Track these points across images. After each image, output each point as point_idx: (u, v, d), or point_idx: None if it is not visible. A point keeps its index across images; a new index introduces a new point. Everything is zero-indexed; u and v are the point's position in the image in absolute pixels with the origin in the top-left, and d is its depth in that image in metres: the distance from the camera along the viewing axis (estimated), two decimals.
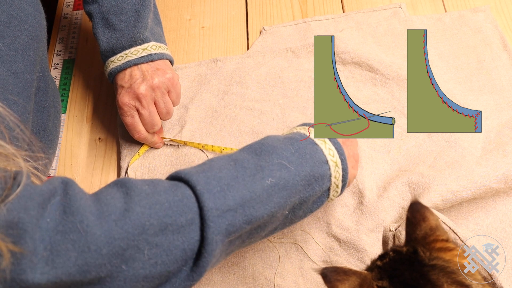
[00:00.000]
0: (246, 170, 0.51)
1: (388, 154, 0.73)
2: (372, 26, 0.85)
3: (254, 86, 0.82)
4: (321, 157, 0.55)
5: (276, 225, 0.54)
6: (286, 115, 0.78)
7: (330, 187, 0.56)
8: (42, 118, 0.67)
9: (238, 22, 0.91)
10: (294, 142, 0.55)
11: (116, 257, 0.43)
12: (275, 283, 0.65)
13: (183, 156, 0.77)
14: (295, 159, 0.53)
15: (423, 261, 0.44)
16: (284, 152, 0.53)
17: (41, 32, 0.65)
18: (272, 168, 0.51)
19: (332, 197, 0.58)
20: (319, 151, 0.55)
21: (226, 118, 0.79)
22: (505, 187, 0.65)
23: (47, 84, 0.70)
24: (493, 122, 0.74)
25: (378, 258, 0.48)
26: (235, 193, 0.48)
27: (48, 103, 0.69)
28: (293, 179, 0.52)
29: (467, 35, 0.82)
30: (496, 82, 0.77)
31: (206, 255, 0.47)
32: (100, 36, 0.73)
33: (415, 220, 0.47)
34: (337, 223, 0.68)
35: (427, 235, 0.46)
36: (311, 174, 0.53)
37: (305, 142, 0.55)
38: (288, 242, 0.68)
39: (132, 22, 0.72)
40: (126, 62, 0.71)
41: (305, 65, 0.83)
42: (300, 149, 0.54)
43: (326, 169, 0.55)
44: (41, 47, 0.66)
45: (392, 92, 0.78)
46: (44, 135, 0.68)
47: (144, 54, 0.72)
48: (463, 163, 0.68)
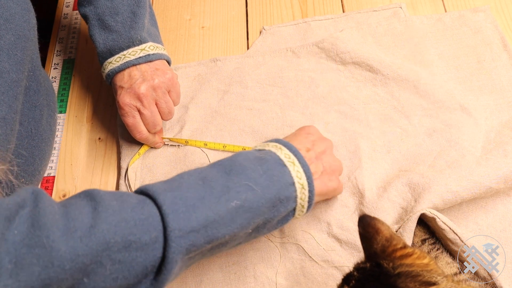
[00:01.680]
0: (213, 190, 0.51)
1: (388, 154, 0.73)
2: (372, 26, 0.85)
3: (254, 85, 0.82)
4: (288, 179, 0.55)
5: (239, 241, 0.55)
6: (286, 114, 0.78)
7: (296, 208, 0.57)
8: (34, 117, 0.67)
9: (238, 22, 0.91)
10: (264, 163, 0.55)
11: (79, 272, 0.44)
12: (276, 282, 0.65)
13: (183, 156, 0.77)
14: (262, 181, 0.54)
15: (388, 273, 0.43)
16: (252, 173, 0.54)
17: (30, 31, 0.65)
18: (238, 190, 0.52)
19: (298, 216, 0.59)
20: (287, 173, 0.56)
21: (226, 118, 0.79)
22: (505, 187, 0.65)
23: (38, 83, 0.70)
24: (493, 122, 0.74)
25: (344, 282, 0.47)
26: (199, 214, 0.49)
27: (40, 101, 0.69)
28: (258, 202, 0.53)
29: (467, 35, 0.82)
30: (496, 82, 0.77)
31: (165, 272, 0.48)
32: (97, 38, 0.73)
33: (368, 234, 0.47)
34: (337, 224, 0.68)
35: (384, 247, 0.46)
36: (277, 196, 0.54)
37: (274, 163, 0.56)
38: (289, 242, 0.68)
39: (129, 23, 0.72)
40: (125, 62, 0.71)
41: (305, 65, 0.83)
42: (269, 171, 0.55)
43: (292, 191, 0.55)
44: (29, 46, 0.65)
45: (392, 92, 0.78)
46: (37, 134, 0.68)
47: (143, 55, 0.72)
48: (463, 162, 0.68)
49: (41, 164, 0.70)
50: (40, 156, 0.69)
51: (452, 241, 0.61)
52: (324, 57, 0.83)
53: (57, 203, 0.47)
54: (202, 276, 0.67)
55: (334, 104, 0.78)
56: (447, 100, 0.76)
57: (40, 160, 0.70)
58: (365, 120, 0.76)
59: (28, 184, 0.68)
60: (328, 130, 0.76)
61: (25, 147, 0.65)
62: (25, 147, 0.65)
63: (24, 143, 0.65)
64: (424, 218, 0.65)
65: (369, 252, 0.47)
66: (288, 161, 0.56)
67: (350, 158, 0.73)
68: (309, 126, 0.66)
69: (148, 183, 0.73)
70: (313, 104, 0.79)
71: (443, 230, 0.62)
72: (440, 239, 0.64)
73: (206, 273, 0.67)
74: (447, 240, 0.62)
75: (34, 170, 0.68)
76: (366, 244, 0.47)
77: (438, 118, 0.75)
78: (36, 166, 0.68)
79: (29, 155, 0.66)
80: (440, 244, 0.64)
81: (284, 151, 0.58)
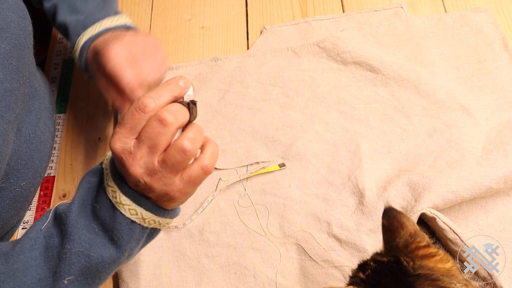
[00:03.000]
0: (51, 264, 0.49)
1: (388, 154, 0.73)
2: (373, 26, 0.85)
3: (254, 85, 0.82)
4: (127, 222, 0.50)
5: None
6: (286, 114, 0.78)
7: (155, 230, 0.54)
8: (30, 122, 0.67)
9: (238, 22, 0.91)
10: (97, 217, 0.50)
11: None
12: (276, 282, 0.65)
13: None
14: (99, 239, 0.49)
15: (407, 271, 0.42)
16: (86, 232, 0.50)
17: (26, 39, 0.63)
18: (71, 262, 0.49)
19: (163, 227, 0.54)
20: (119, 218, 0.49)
21: (227, 117, 0.79)
22: (505, 187, 0.65)
23: (33, 88, 0.68)
24: (494, 122, 0.74)
25: (359, 269, 0.46)
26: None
27: (36, 106, 0.68)
28: (97, 265, 0.50)
29: (468, 35, 0.82)
30: (497, 82, 0.77)
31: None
32: (68, 19, 0.68)
33: (392, 227, 0.45)
34: (337, 223, 0.68)
35: (407, 243, 0.44)
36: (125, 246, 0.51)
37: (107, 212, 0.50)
38: (289, 241, 0.68)
39: (101, 5, 0.69)
40: (103, 29, 0.65)
41: (305, 64, 0.83)
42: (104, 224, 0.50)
43: (128, 224, 0.50)
44: (25, 54, 0.63)
45: (393, 92, 0.78)
46: (35, 137, 0.67)
47: (121, 23, 0.67)
48: (463, 163, 0.68)
49: (41, 166, 0.70)
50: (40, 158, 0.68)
51: (452, 241, 0.61)
52: (325, 57, 0.83)
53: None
54: (202, 276, 0.67)
55: (334, 104, 0.78)
56: (448, 100, 0.76)
57: (40, 162, 0.70)
58: (365, 120, 0.76)
59: (30, 187, 0.68)
60: (328, 130, 0.76)
61: (24, 151, 0.65)
62: (24, 151, 0.65)
63: (23, 148, 0.65)
64: (424, 218, 0.65)
65: (391, 245, 0.45)
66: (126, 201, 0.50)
67: (351, 158, 0.73)
68: None
69: None
70: (314, 103, 0.79)
71: (443, 230, 0.62)
72: (440, 239, 0.64)
73: (206, 272, 0.67)
74: (447, 240, 0.62)
75: (35, 172, 0.68)
76: (388, 236, 0.46)
77: (439, 118, 0.75)
78: (36, 168, 0.68)
79: (28, 159, 0.66)
80: (440, 244, 0.64)
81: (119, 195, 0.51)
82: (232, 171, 0.75)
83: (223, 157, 0.76)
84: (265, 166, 0.74)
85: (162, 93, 0.46)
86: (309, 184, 0.72)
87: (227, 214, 0.71)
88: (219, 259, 0.68)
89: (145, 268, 0.68)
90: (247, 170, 0.74)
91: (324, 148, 0.74)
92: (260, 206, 0.71)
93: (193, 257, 0.69)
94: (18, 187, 0.64)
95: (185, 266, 0.68)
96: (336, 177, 0.72)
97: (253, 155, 0.75)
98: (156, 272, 0.68)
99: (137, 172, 0.46)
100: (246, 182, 0.74)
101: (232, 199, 0.72)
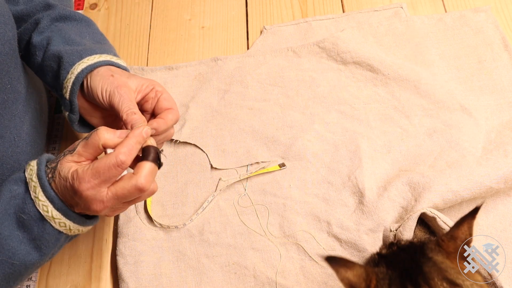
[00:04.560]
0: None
1: (389, 154, 0.73)
2: (373, 26, 0.85)
3: (254, 85, 0.82)
4: (55, 232, 0.55)
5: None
6: (286, 114, 0.78)
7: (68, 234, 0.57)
8: (15, 126, 0.65)
9: (238, 22, 0.91)
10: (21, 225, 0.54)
11: None
12: (276, 282, 0.65)
13: (183, 156, 0.77)
14: (24, 247, 0.53)
15: (423, 254, 0.45)
16: (10, 241, 0.53)
17: (4, 45, 0.61)
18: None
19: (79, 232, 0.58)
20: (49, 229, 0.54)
21: (227, 117, 0.79)
22: (505, 187, 0.65)
23: (16, 93, 0.66)
24: (494, 122, 0.74)
25: (384, 246, 0.50)
26: None
27: (19, 109, 0.66)
28: (20, 271, 0.54)
29: (468, 35, 0.82)
30: (497, 82, 0.78)
31: None
32: (62, 49, 0.66)
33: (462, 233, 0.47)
34: (337, 223, 0.68)
35: (453, 238, 0.46)
36: (47, 252, 0.55)
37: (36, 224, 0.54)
38: (289, 241, 0.68)
39: (99, 43, 0.69)
40: (103, 60, 0.64)
41: (305, 64, 0.83)
42: (28, 233, 0.54)
43: (62, 237, 0.56)
44: (3, 60, 0.61)
45: (393, 92, 0.78)
46: (20, 140, 0.66)
47: (121, 63, 0.66)
48: (463, 163, 0.68)
49: None
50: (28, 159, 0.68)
51: None
52: (325, 57, 0.83)
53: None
54: (202, 276, 0.67)
55: (334, 104, 0.78)
56: (448, 100, 0.76)
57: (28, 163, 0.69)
58: (365, 120, 0.76)
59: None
60: (328, 130, 0.76)
61: (10, 155, 0.64)
62: (9, 156, 0.64)
63: (8, 152, 0.64)
64: (424, 218, 0.64)
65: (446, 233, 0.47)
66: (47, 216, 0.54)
67: (351, 158, 0.73)
68: None
69: None
70: (314, 103, 0.79)
71: (443, 230, 0.61)
72: None
73: (206, 272, 0.67)
74: None
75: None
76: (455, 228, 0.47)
77: (439, 119, 0.75)
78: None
79: (14, 162, 0.65)
80: None
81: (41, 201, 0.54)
82: (232, 171, 0.75)
83: (223, 157, 0.76)
84: (265, 166, 0.74)
85: (133, 147, 0.53)
86: (309, 184, 0.72)
87: (227, 214, 0.71)
88: (219, 259, 0.68)
89: (145, 268, 0.68)
90: (247, 170, 0.74)
91: (324, 148, 0.74)
92: (260, 206, 0.71)
93: (193, 257, 0.69)
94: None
95: (185, 266, 0.68)
96: (336, 177, 0.72)
97: (253, 155, 0.75)
98: (156, 272, 0.68)
99: (101, 211, 0.54)
100: (246, 182, 0.74)
101: (232, 199, 0.72)
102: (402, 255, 0.46)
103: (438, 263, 0.44)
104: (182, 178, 0.75)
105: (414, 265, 0.44)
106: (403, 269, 0.44)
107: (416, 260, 0.45)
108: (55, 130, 0.81)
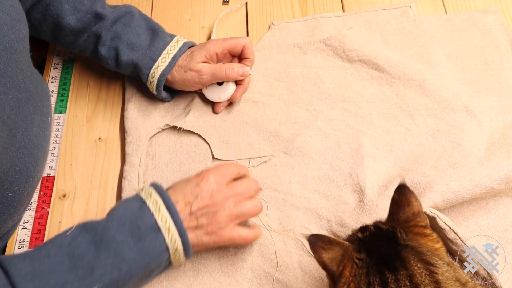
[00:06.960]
0: (77, 272, 0.53)
1: (391, 153, 0.73)
2: (380, 24, 0.85)
3: (260, 79, 0.82)
4: (162, 246, 0.57)
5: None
6: (291, 110, 0.78)
7: (170, 264, 0.60)
8: (26, 127, 0.66)
9: (238, 22, 0.91)
10: (136, 232, 0.56)
11: None
12: (274, 276, 0.65)
13: (186, 146, 0.77)
14: (133, 255, 0.55)
15: (398, 241, 0.48)
16: (122, 246, 0.55)
17: (19, 43, 0.62)
18: (103, 271, 0.54)
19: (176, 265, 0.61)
20: (160, 240, 0.57)
21: (231, 110, 0.80)
22: (507, 188, 0.65)
23: (29, 93, 0.68)
24: (498, 124, 0.73)
25: (359, 230, 0.52)
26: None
27: (31, 110, 0.67)
28: (125, 279, 0.55)
29: (476, 36, 0.82)
30: (503, 84, 0.77)
31: None
32: (133, 57, 0.75)
33: (400, 202, 0.50)
34: (337, 221, 0.68)
35: (408, 219, 0.49)
36: (148, 267, 0.57)
37: (147, 230, 0.57)
38: (288, 236, 0.68)
39: (150, 36, 0.77)
40: (172, 57, 0.75)
41: (311, 61, 0.83)
42: (140, 242, 0.56)
43: (165, 257, 0.58)
44: (17, 58, 0.62)
45: (398, 91, 0.78)
46: (29, 142, 0.67)
47: (181, 44, 0.76)
48: (465, 163, 0.68)
49: (35, 170, 0.69)
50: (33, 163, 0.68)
51: (452, 241, 0.61)
52: (331, 54, 0.83)
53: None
54: (200, 265, 0.67)
55: (339, 101, 0.78)
56: (452, 101, 0.75)
57: (33, 167, 0.69)
58: (369, 118, 0.76)
59: (23, 191, 0.67)
60: (332, 127, 0.76)
61: (19, 157, 0.64)
62: (19, 157, 0.64)
63: (18, 154, 0.64)
64: None
65: (393, 217, 0.50)
66: (164, 226, 0.57)
67: (353, 155, 0.73)
68: (207, 173, 0.63)
69: (151, 172, 0.74)
70: (318, 100, 0.79)
71: (443, 230, 0.61)
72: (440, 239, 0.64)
73: (203, 262, 0.67)
74: (447, 239, 0.61)
75: (28, 177, 0.67)
76: (394, 210, 0.50)
77: (443, 119, 0.74)
78: (30, 173, 0.67)
79: (22, 164, 0.65)
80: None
81: (162, 212, 0.58)
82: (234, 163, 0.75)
83: (225, 149, 0.76)
84: (266, 160, 0.74)
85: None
86: (310, 180, 0.72)
87: None
88: (217, 249, 0.67)
89: None
90: (249, 163, 0.74)
91: (327, 145, 0.74)
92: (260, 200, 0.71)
93: None
94: (11, 192, 0.64)
95: None
96: (337, 174, 0.72)
97: (255, 149, 0.75)
98: None
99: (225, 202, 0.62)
100: None
101: None
102: (377, 243, 0.48)
103: (415, 248, 0.47)
104: (185, 167, 0.75)
105: (391, 251, 0.47)
106: (379, 257, 0.47)
107: (393, 248, 0.47)
108: (55, 130, 0.81)
